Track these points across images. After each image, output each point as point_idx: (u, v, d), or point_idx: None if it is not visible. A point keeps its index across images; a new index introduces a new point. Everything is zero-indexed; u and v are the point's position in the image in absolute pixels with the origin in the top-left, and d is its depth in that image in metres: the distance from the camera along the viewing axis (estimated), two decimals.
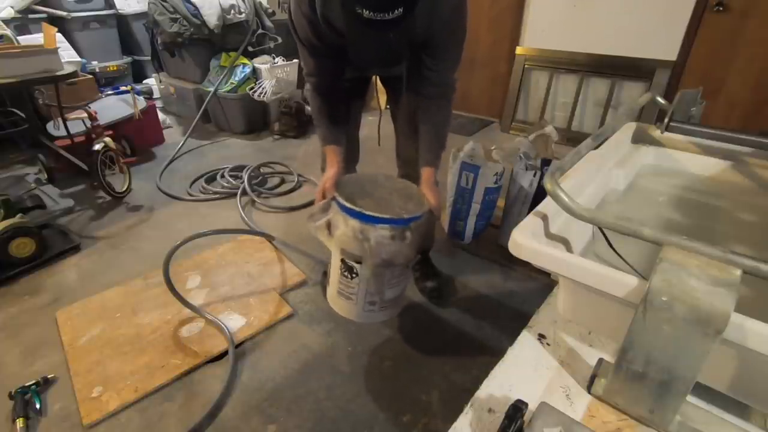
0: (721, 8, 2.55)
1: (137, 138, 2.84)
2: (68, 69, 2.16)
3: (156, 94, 4.08)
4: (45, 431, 1.19)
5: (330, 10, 1.00)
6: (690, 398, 0.56)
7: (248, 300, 1.64)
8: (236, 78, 3.27)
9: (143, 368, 1.35)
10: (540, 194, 1.76)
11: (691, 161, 0.98)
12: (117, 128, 2.69)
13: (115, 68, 4.08)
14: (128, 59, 4.19)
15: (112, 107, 2.80)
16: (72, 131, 2.44)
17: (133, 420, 1.22)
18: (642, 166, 1.00)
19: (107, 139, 2.30)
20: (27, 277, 1.79)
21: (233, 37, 3.36)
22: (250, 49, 3.46)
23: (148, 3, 3.30)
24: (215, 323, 1.50)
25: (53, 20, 3.51)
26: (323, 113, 1.26)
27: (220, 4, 3.21)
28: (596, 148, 0.82)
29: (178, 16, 3.17)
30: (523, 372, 0.65)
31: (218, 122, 3.53)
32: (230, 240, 2.01)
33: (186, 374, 1.35)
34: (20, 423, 1.17)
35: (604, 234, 0.67)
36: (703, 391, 0.56)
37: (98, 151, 2.23)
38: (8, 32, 2.68)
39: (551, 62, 3.25)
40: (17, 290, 1.72)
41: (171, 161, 2.88)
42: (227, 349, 1.41)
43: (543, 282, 1.73)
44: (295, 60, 3.53)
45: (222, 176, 2.62)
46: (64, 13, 3.61)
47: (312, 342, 1.48)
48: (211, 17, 3.19)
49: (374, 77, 1.49)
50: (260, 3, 3.56)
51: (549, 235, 0.64)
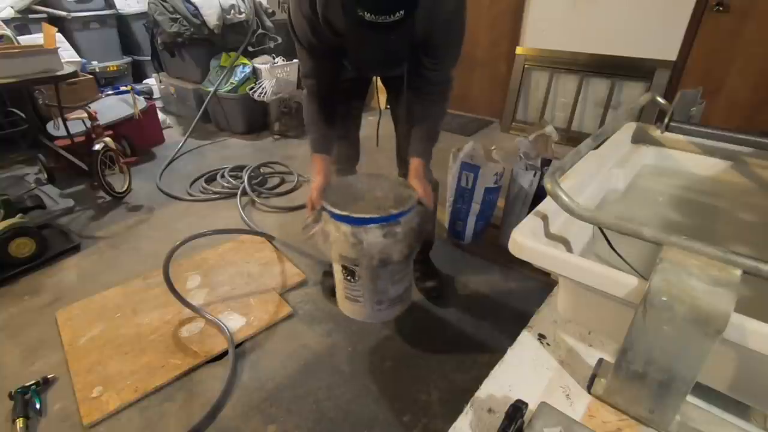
0: (721, 8, 2.55)
1: (137, 138, 2.84)
2: (68, 69, 2.16)
3: (156, 94, 4.08)
4: (45, 431, 1.19)
5: (330, 12, 1.00)
6: (690, 398, 0.56)
7: (248, 300, 1.64)
8: (236, 78, 3.27)
9: (143, 368, 1.35)
10: (540, 194, 1.76)
11: (691, 161, 0.98)
12: (117, 128, 2.69)
13: (115, 68, 4.08)
14: (128, 59, 4.20)
15: (112, 107, 2.80)
16: (72, 131, 2.44)
17: (133, 420, 1.22)
18: (642, 166, 1.00)
19: (107, 139, 2.30)
20: (27, 277, 1.79)
21: (233, 37, 3.36)
22: (250, 49, 3.46)
23: (148, 3, 3.30)
24: (215, 323, 1.50)
25: (53, 20, 3.51)
26: (317, 119, 1.25)
27: (220, 4, 3.21)
28: (596, 148, 0.82)
29: (178, 16, 3.18)
30: (523, 372, 0.65)
31: (218, 122, 3.53)
32: (230, 240, 2.01)
33: (186, 374, 1.35)
34: (20, 423, 1.17)
35: (604, 234, 0.67)
36: (703, 391, 0.56)
37: (98, 151, 2.23)
38: (8, 32, 2.68)
39: (551, 62, 3.25)
40: (17, 290, 1.72)
41: (171, 161, 2.88)
42: (227, 349, 1.41)
43: (543, 282, 1.73)
44: (295, 60, 3.53)
45: (222, 176, 2.62)
46: (64, 13, 3.61)
47: (312, 342, 1.48)
48: (211, 17, 3.19)
49: (375, 77, 1.49)
50: (260, 3, 3.56)
51: (549, 235, 0.64)
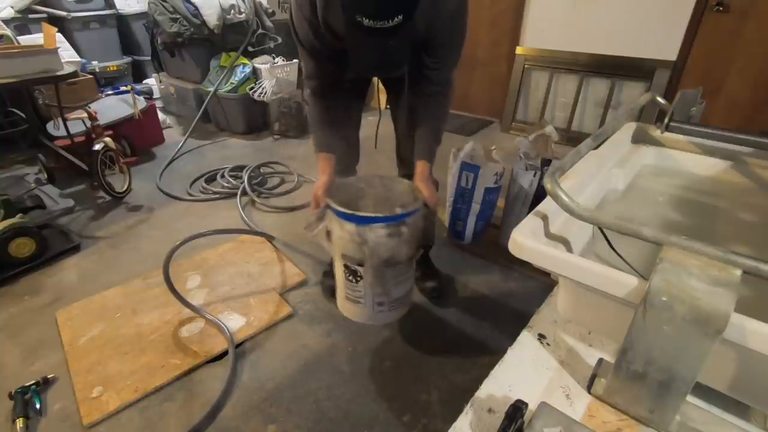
0: (721, 8, 2.55)
1: (137, 138, 2.84)
2: (68, 69, 2.16)
3: (156, 94, 4.08)
4: (45, 431, 1.19)
5: (331, 15, 1.00)
6: (690, 398, 0.56)
7: (248, 300, 1.64)
8: (236, 78, 3.27)
9: (143, 368, 1.35)
10: (540, 194, 1.76)
11: (691, 161, 0.98)
12: (117, 128, 2.69)
13: (115, 68, 4.08)
14: (128, 59, 4.20)
15: (112, 107, 2.80)
16: (72, 131, 2.44)
17: (133, 420, 1.22)
18: (642, 166, 1.00)
19: (107, 139, 2.30)
20: (27, 277, 1.79)
21: (233, 37, 3.36)
22: (250, 49, 3.46)
23: (148, 3, 3.30)
24: (215, 323, 1.50)
25: (53, 20, 3.51)
26: (321, 119, 1.24)
27: (220, 4, 3.21)
28: (596, 148, 0.82)
29: (178, 16, 3.18)
30: (523, 372, 0.65)
31: (218, 122, 3.53)
32: (230, 240, 2.01)
33: (186, 374, 1.35)
34: (20, 423, 1.17)
35: (604, 234, 0.67)
36: (703, 391, 0.56)
37: (98, 151, 2.23)
38: (8, 32, 2.68)
39: (551, 62, 3.25)
40: (17, 290, 1.72)
41: (171, 161, 2.88)
42: (227, 349, 1.41)
43: (543, 282, 1.73)
44: (295, 60, 3.53)
45: (222, 176, 2.62)
46: (64, 13, 3.61)
47: (312, 342, 1.48)
48: (211, 17, 3.19)
49: (375, 78, 1.50)
50: (260, 3, 3.56)
51: (549, 235, 0.64)
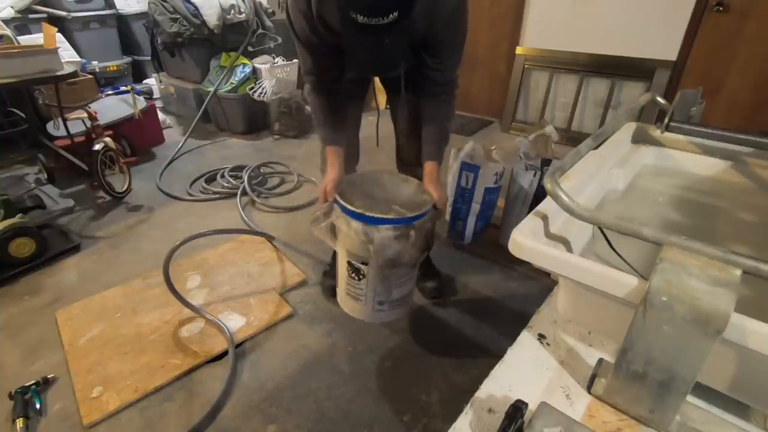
0: (721, 8, 2.55)
1: (137, 138, 2.84)
2: (68, 69, 2.16)
3: (156, 94, 4.08)
4: (45, 431, 1.19)
5: (325, 10, 0.98)
6: (690, 398, 0.56)
7: (248, 300, 1.64)
8: (236, 78, 3.27)
9: (143, 368, 1.35)
10: (540, 194, 1.76)
11: (691, 161, 0.98)
12: (117, 128, 2.69)
13: (115, 68, 4.08)
14: (128, 59, 4.19)
15: (112, 107, 2.80)
16: (72, 131, 2.44)
17: (133, 420, 1.22)
18: (642, 166, 1.00)
19: (107, 139, 2.30)
20: (27, 277, 1.79)
21: (233, 37, 3.36)
22: (250, 49, 3.46)
23: (148, 3, 3.30)
24: (215, 323, 1.50)
25: (53, 20, 3.51)
26: (324, 112, 1.23)
27: (220, 4, 3.21)
28: (596, 148, 0.82)
29: (178, 16, 3.17)
30: (523, 372, 0.65)
31: (218, 122, 3.53)
32: (230, 240, 2.01)
33: (186, 374, 1.35)
34: (20, 423, 1.17)
35: (604, 234, 0.67)
36: (703, 391, 0.56)
37: (98, 151, 2.23)
38: (8, 32, 2.68)
39: (551, 62, 3.25)
40: (17, 290, 1.72)
41: (171, 161, 2.88)
42: (227, 349, 1.41)
43: (543, 282, 1.73)
44: (295, 60, 3.53)
45: (222, 176, 2.62)
46: (64, 13, 3.61)
47: (312, 342, 1.48)
48: (211, 17, 3.19)
49: (374, 77, 1.49)
50: (260, 3, 3.56)
51: (549, 235, 0.64)
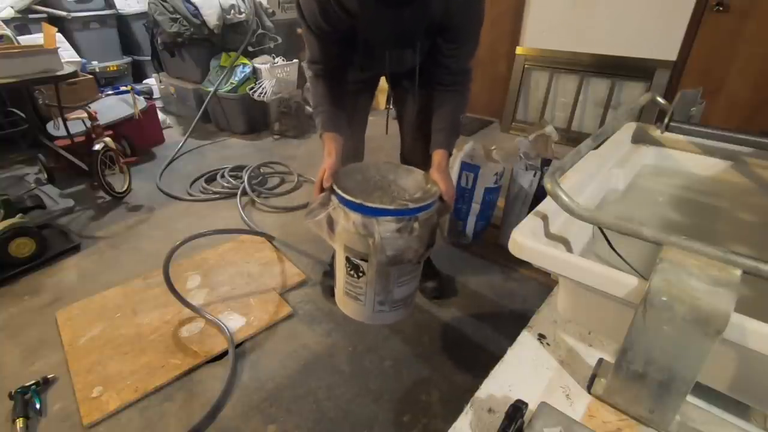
0: (721, 8, 2.55)
1: (137, 138, 2.84)
2: (68, 69, 2.16)
3: (156, 94, 4.07)
4: (45, 431, 1.19)
5: None
6: (690, 398, 0.56)
7: (248, 300, 1.64)
8: (236, 78, 3.27)
9: (143, 368, 1.35)
10: (540, 194, 1.76)
11: (691, 161, 0.98)
12: (117, 128, 2.69)
13: (115, 68, 4.08)
14: (128, 59, 4.19)
15: (112, 107, 2.80)
16: (72, 131, 2.44)
17: (133, 420, 1.22)
18: (642, 166, 1.00)
19: (107, 139, 2.30)
20: (27, 277, 1.79)
21: (233, 37, 3.36)
22: (250, 49, 3.46)
23: (148, 3, 3.30)
24: (215, 323, 1.50)
25: (53, 20, 3.51)
26: (325, 98, 1.17)
27: (220, 4, 3.21)
28: (596, 148, 0.82)
29: (178, 16, 3.17)
30: (523, 372, 0.65)
31: (218, 122, 3.53)
32: (230, 240, 2.01)
33: (186, 374, 1.35)
34: (20, 423, 1.17)
35: (604, 234, 0.67)
36: (703, 391, 0.56)
37: (98, 151, 2.23)
38: (8, 32, 2.68)
39: (551, 62, 3.25)
40: (17, 290, 1.72)
41: (171, 161, 2.88)
42: (227, 349, 1.41)
43: (543, 282, 1.73)
44: (295, 60, 3.53)
45: (222, 176, 2.62)
46: (64, 13, 3.61)
47: (312, 342, 1.48)
48: (211, 17, 3.19)
49: (382, 77, 1.43)
50: (260, 3, 3.56)
51: (549, 235, 0.64)
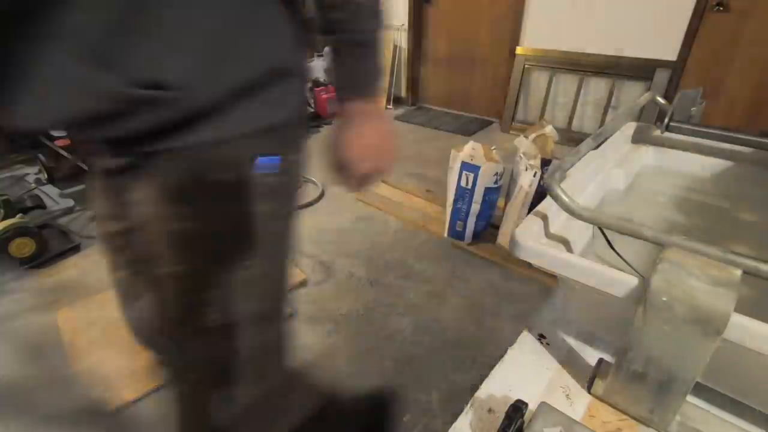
0: (721, 8, 2.55)
1: None
2: None
3: None
4: None
5: None
6: (690, 398, 0.56)
7: None
8: None
9: (143, 368, 1.35)
10: (540, 194, 1.76)
11: (691, 161, 0.98)
12: None
13: None
14: None
15: None
16: None
17: (133, 420, 1.22)
18: (642, 166, 1.00)
19: None
20: (27, 277, 1.79)
21: None
22: None
23: None
24: None
25: None
26: None
27: None
28: (596, 148, 0.82)
29: None
30: (523, 372, 0.65)
31: None
32: None
33: None
34: None
35: (604, 234, 0.67)
36: (703, 391, 0.56)
37: None
38: None
39: (551, 62, 3.25)
40: (17, 290, 1.72)
41: None
42: None
43: (543, 282, 1.73)
44: None
45: None
46: None
47: (312, 342, 1.48)
48: None
49: None
50: None
51: (549, 235, 0.64)
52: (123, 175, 0.55)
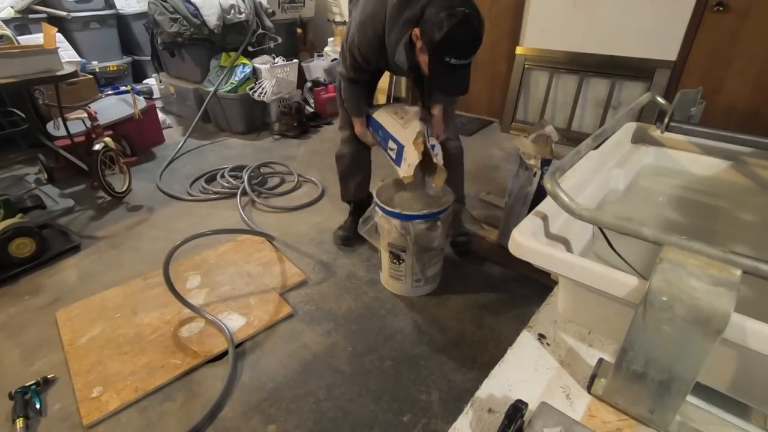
0: (721, 8, 2.55)
1: (137, 138, 2.84)
2: (68, 69, 2.16)
3: (156, 94, 4.07)
4: (45, 431, 1.19)
5: (393, 48, 1.35)
6: (690, 398, 0.56)
7: (248, 300, 1.64)
8: (236, 78, 3.27)
9: (143, 368, 1.35)
10: (540, 194, 1.76)
11: (691, 161, 0.98)
12: (117, 128, 2.69)
13: (115, 68, 4.07)
14: (128, 59, 4.19)
15: (112, 107, 2.80)
16: (72, 131, 2.44)
17: (133, 420, 1.22)
18: (642, 166, 1.00)
19: (107, 139, 2.30)
20: (27, 277, 1.79)
21: (233, 37, 3.36)
22: (250, 49, 3.46)
23: (148, 3, 3.30)
24: (215, 323, 1.50)
25: (53, 20, 3.51)
26: (358, 96, 1.62)
27: (220, 4, 3.21)
28: (596, 148, 0.82)
29: (178, 16, 3.17)
30: (523, 372, 0.65)
31: (218, 122, 3.53)
32: (230, 240, 2.01)
33: (186, 374, 1.35)
34: (20, 423, 1.17)
35: (604, 234, 0.67)
36: (703, 391, 0.56)
37: (98, 151, 2.23)
38: (8, 32, 2.68)
39: (551, 62, 3.25)
40: (17, 290, 1.72)
41: (171, 161, 2.88)
42: (227, 349, 1.41)
43: (543, 282, 1.72)
44: (295, 60, 3.53)
45: (222, 176, 2.62)
46: (64, 13, 3.61)
47: (312, 342, 1.48)
48: (211, 17, 3.19)
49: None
50: (260, 3, 3.56)
51: (549, 235, 0.64)
52: None
